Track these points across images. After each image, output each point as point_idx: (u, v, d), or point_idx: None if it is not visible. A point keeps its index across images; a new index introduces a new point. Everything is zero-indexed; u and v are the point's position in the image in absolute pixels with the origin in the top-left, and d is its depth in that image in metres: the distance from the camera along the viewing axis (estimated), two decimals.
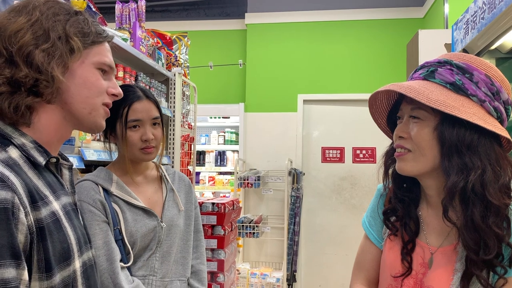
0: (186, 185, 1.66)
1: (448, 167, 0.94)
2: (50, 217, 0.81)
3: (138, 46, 2.57)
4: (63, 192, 0.91)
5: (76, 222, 0.91)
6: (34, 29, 0.85)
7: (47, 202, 0.82)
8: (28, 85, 0.84)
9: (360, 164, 4.99)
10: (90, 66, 0.93)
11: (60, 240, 0.82)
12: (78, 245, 0.88)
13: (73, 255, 0.85)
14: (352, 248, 4.80)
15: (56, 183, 0.90)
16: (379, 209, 1.15)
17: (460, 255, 0.98)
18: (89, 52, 0.92)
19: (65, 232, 0.84)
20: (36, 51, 0.84)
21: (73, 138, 1.83)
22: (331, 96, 5.06)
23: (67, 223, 0.86)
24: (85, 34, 0.91)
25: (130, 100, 1.48)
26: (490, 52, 1.85)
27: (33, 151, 0.85)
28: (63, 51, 0.87)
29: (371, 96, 1.07)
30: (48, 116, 0.89)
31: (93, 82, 0.93)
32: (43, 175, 0.86)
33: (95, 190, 1.44)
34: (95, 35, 0.93)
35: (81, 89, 0.91)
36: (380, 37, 5.00)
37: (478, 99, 0.94)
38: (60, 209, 0.86)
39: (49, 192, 0.85)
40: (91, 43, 0.92)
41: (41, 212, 0.79)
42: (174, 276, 1.52)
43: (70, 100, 0.90)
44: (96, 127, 0.97)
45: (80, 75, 0.91)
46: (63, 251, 0.82)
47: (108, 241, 1.39)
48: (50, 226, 0.80)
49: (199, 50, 5.13)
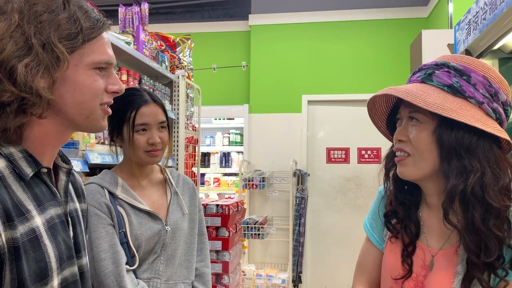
0: (190, 188, 1.67)
1: (447, 170, 0.94)
2: (27, 235, 0.76)
3: (142, 49, 2.58)
4: (52, 204, 0.84)
5: (62, 236, 0.85)
6: (15, 37, 0.76)
7: (27, 217, 0.77)
8: (15, 105, 0.76)
9: (365, 165, 4.98)
10: (84, 68, 0.84)
11: (36, 259, 0.76)
12: (58, 262, 0.81)
13: (51, 273, 0.79)
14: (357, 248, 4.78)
15: (45, 193, 0.84)
16: (380, 212, 1.15)
17: (461, 258, 0.97)
18: (82, 52, 0.83)
19: (43, 250, 0.78)
20: (18, 65, 0.75)
21: (77, 141, 1.84)
22: (336, 97, 5.06)
23: (48, 240, 0.80)
24: (73, 35, 0.81)
25: (138, 104, 1.49)
26: (492, 52, 1.85)
27: (21, 161, 0.79)
28: (49, 63, 0.78)
29: (369, 100, 1.07)
30: (42, 127, 0.83)
31: (89, 85, 0.84)
32: (30, 186, 0.81)
33: (101, 193, 1.45)
34: (87, 31, 0.83)
35: (76, 95, 0.83)
36: (384, 37, 4.99)
37: (476, 101, 0.94)
38: (43, 224, 0.80)
39: (34, 206, 0.79)
40: (83, 42, 0.82)
41: (17, 230, 0.74)
42: (179, 279, 1.53)
43: (64, 108, 0.83)
44: (96, 129, 0.91)
45: (73, 80, 0.83)
46: (40, 271, 0.77)
47: (114, 244, 1.40)
48: (26, 245, 0.75)
49: (203, 51, 5.14)
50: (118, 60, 2.40)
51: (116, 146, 1.57)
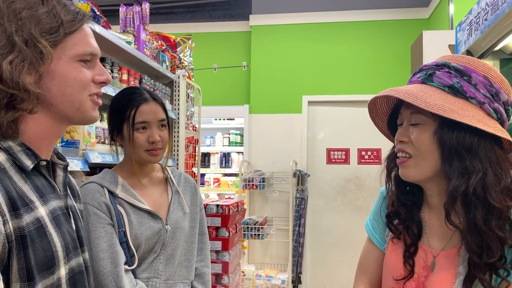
0: (191, 187, 1.67)
1: (449, 171, 0.94)
2: (34, 224, 0.77)
3: (142, 49, 2.58)
4: (53, 196, 0.86)
5: (66, 227, 0.87)
6: None
7: (32, 208, 0.78)
8: (4, 102, 0.78)
9: (366, 166, 4.98)
10: (68, 61, 0.85)
11: (43, 248, 0.78)
12: (65, 251, 0.83)
13: (58, 262, 0.81)
14: (357, 249, 4.79)
15: (46, 186, 0.86)
16: (382, 212, 1.15)
17: (462, 259, 0.97)
18: (64, 46, 0.84)
19: (49, 239, 0.80)
20: (3, 63, 0.77)
21: (78, 141, 1.84)
22: (336, 97, 5.06)
23: (53, 229, 0.82)
24: (54, 29, 0.82)
25: (138, 102, 1.49)
26: (494, 53, 1.85)
27: (20, 154, 0.81)
28: (33, 58, 0.80)
29: (370, 101, 1.07)
30: (36, 122, 0.85)
31: (75, 77, 0.86)
32: (31, 179, 0.82)
33: (101, 192, 1.45)
34: (68, 25, 0.84)
35: (63, 87, 0.85)
36: (385, 38, 4.99)
37: (477, 101, 0.94)
38: (47, 214, 0.82)
39: (36, 197, 0.81)
40: (65, 35, 0.84)
41: (23, 219, 0.76)
42: (178, 278, 1.53)
43: (54, 101, 0.85)
44: (89, 120, 0.92)
45: (59, 74, 0.84)
46: (46, 259, 0.79)
47: (113, 244, 1.40)
48: (33, 233, 0.77)
49: (204, 52, 5.15)
50: (118, 60, 2.40)
51: (117, 145, 1.56)
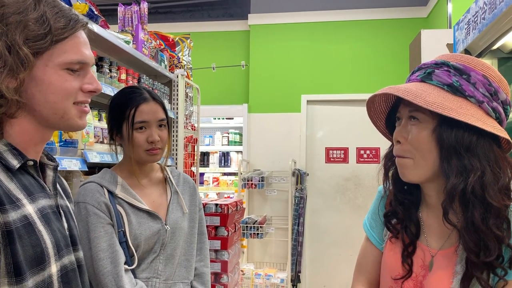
0: (190, 187, 1.67)
1: (447, 169, 0.94)
2: (21, 221, 0.78)
3: (141, 49, 2.58)
4: (42, 195, 0.87)
5: (56, 225, 0.87)
6: None
7: (18, 205, 0.79)
8: None
9: (364, 165, 4.99)
10: (54, 68, 0.84)
11: (32, 244, 0.79)
12: (55, 248, 0.84)
13: (49, 259, 0.82)
14: (356, 248, 4.79)
15: (34, 185, 0.86)
16: (380, 211, 1.15)
17: (460, 258, 0.97)
18: (52, 53, 0.84)
19: (38, 235, 0.80)
20: None
21: (76, 140, 1.84)
22: (335, 97, 5.06)
23: (42, 227, 0.82)
24: (40, 36, 0.81)
25: (137, 102, 1.49)
26: (492, 52, 1.85)
27: (6, 154, 0.82)
28: (13, 64, 0.79)
29: (368, 99, 1.07)
30: (21, 125, 0.85)
31: (60, 85, 0.85)
32: (18, 178, 0.83)
33: (100, 192, 1.45)
34: (57, 32, 0.83)
35: (47, 94, 0.84)
36: (383, 37, 4.99)
37: (476, 100, 0.94)
38: (35, 212, 0.82)
39: (24, 195, 0.81)
40: (52, 43, 0.83)
41: (9, 215, 0.76)
42: (178, 278, 1.53)
43: (38, 108, 0.85)
44: (74, 128, 0.92)
45: (44, 81, 0.83)
46: (36, 255, 0.79)
47: (113, 244, 1.40)
48: (20, 230, 0.77)
49: (203, 51, 5.14)
50: (117, 59, 2.40)
51: (116, 145, 1.56)
